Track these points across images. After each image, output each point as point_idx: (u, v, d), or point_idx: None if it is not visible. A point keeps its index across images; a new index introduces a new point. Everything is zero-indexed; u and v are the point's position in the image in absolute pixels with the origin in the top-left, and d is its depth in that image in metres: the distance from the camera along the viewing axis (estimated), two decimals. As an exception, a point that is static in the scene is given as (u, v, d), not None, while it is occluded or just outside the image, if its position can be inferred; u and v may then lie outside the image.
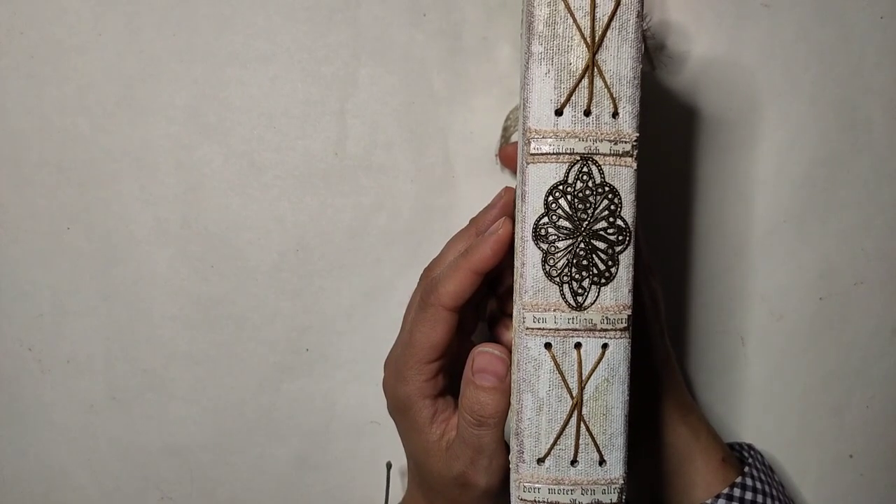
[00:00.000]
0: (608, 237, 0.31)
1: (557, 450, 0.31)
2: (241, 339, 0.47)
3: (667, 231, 0.47)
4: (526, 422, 0.31)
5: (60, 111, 0.45)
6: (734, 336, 0.49)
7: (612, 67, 0.30)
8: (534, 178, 0.30)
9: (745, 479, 0.41)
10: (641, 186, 0.31)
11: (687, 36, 0.46)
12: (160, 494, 0.49)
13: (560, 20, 0.30)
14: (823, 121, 0.47)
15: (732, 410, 0.50)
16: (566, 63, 0.30)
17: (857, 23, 0.46)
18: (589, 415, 0.31)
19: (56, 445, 0.48)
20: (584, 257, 0.31)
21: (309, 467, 0.48)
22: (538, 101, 0.30)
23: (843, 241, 0.48)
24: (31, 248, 0.46)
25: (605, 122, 0.30)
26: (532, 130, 0.30)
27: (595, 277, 0.31)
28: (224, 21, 0.44)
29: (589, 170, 0.30)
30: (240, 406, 0.48)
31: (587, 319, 0.31)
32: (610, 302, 0.31)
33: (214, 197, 0.46)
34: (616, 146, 0.30)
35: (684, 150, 0.47)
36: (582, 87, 0.30)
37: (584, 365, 0.31)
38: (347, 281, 0.46)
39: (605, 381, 0.31)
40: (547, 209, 0.30)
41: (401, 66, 0.45)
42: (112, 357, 0.47)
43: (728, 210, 0.48)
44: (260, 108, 0.45)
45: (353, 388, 0.48)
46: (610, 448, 0.31)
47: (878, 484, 0.51)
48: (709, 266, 0.48)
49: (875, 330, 0.50)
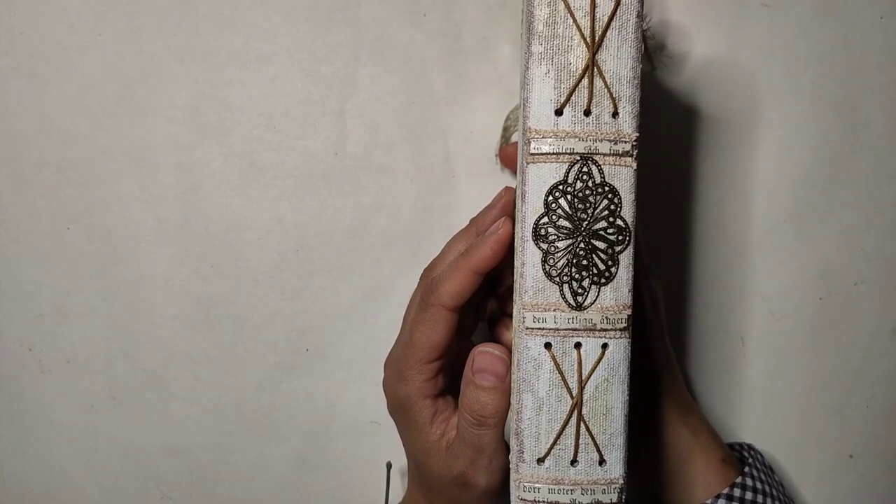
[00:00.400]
0: (608, 237, 0.31)
1: (557, 450, 0.31)
2: (241, 339, 0.47)
3: (667, 231, 0.47)
4: (526, 421, 0.31)
5: (60, 111, 0.45)
6: (734, 336, 0.49)
7: (611, 67, 0.30)
8: (534, 177, 0.30)
9: (745, 479, 0.41)
10: (641, 186, 0.31)
11: (687, 36, 0.46)
12: (160, 494, 0.49)
13: (560, 20, 0.30)
14: (823, 121, 0.47)
15: (732, 410, 0.50)
16: (566, 63, 0.30)
17: (857, 23, 0.46)
18: (589, 415, 0.31)
19: (56, 445, 0.48)
20: (584, 257, 0.31)
21: (309, 467, 0.48)
22: (538, 100, 0.30)
23: (843, 241, 0.48)
24: (31, 248, 0.46)
25: (604, 122, 0.30)
26: (532, 130, 0.30)
27: (595, 277, 0.31)
28: (224, 21, 0.44)
29: (589, 170, 0.30)
30: (240, 406, 0.48)
31: (587, 319, 0.31)
32: (610, 302, 0.31)
33: (214, 197, 0.46)
34: (616, 146, 0.30)
35: (684, 150, 0.47)
36: (582, 87, 0.30)
37: (583, 365, 0.31)
38: (347, 281, 0.46)
39: (604, 380, 0.31)
40: (547, 209, 0.30)
41: (401, 66, 0.45)
42: (112, 357, 0.47)
43: (728, 210, 0.48)
44: (260, 108, 0.45)
45: (353, 388, 0.48)
46: (610, 448, 0.31)
47: (878, 484, 0.51)
48: (709, 266, 0.48)
49: (875, 330, 0.50)
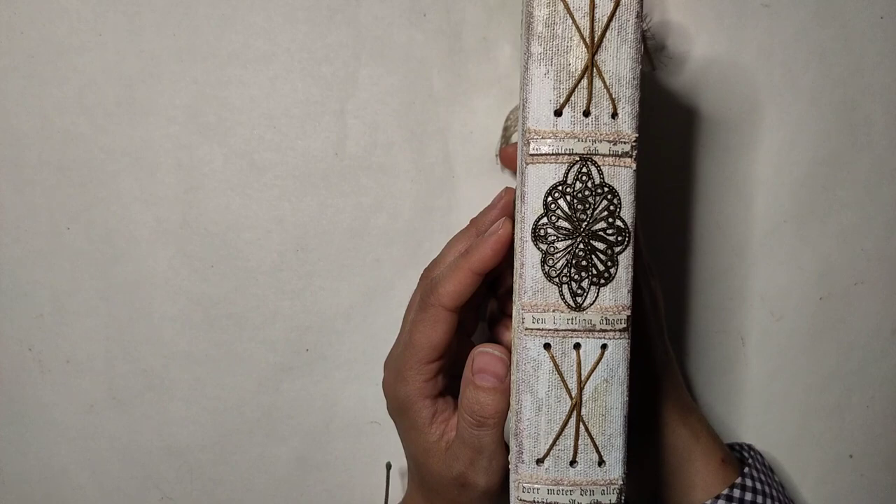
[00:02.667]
0: (607, 238, 0.31)
1: (556, 450, 0.31)
2: (241, 339, 0.47)
3: (667, 231, 0.47)
4: (525, 422, 0.31)
5: (61, 111, 0.45)
6: (734, 336, 0.49)
7: (611, 68, 0.30)
8: (533, 178, 0.30)
9: (744, 479, 0.41)
10: (641, 187, 0.31)
11: (687, 36, 0.46)
12: (160, 494, 0.49)
13: (559, 21, 0.30)
14: (823, 121, 0.47)
15: (732, 410, 0.50)
16: (565, 64, 0.30)
17: (857, 23, 0.46)
18: (588, 415, 0.31)
19: (56, 445, 0.48)
20: (584, 258, 0.31)
21: (309, 467, 0.48)
22: (537, 101, 0.30)
23: (842, 241, 0.48)
24: (31, 248, 0.46)
25: (604, 123, 0.30)
26: (531, 131, 0.30)
27: (594, 278, 0.31)
28: (224, 21, 0.44)
29: (588, 170, 0.30)
30: (240, 406, 0.48)
31: (586, 320, 0.31)
32: (609, 302, 0.31)
33: (214, 197, 0.46)
34: (615, 147, 0.30)
35: (684, 150, 0.47)
36: (581, 88, 0.30)
37: (583, 365, 0.31)
38: (347, 281, 0.46)
39: (604, 381, 0.31)
40: (546, 210, 0.30)
41: (401, 66, 0.45)
42: (112, 357, 0.47)
43: (728, 210, 0.48)
44: (260, 108, 0.45)
45: (353, 388, 0.48)
46: (609, 448, 0.31)
47: (878, 484, 0.51)
48: (709, 266, 0.48)
49: (875, 330, 0.50)
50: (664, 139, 0.47)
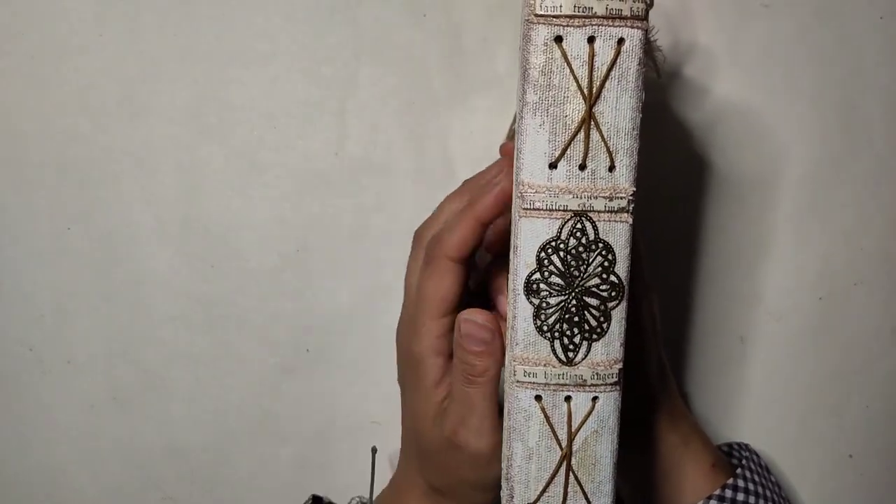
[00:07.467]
0: (601, 293, 0.30)
1: (547, 497, 0.31)
2: (242, 340, 0.47)
3: (667, 232, 0.47)
4: (516, 469, 0.31)
5: (61, 111, 0.45)
6: (734, 336, 0.49)
7: (609, 119, 0.29)
8: (526, 232, 0.30)
9: (736, 480, 0.41)
10: (642, 189, 0.31)
11: (686, 36, 0.46)
12: (161, 494, 0.49)
13: (556, 69, 0.28)
14: (823, 121, 0.47)
15: (732, 410, 0.50)
16: (562, 115, 0.28)
17: (857, 23, 0.46)
18: (578, 465, 0.31)
19: (56, 445, 0.48)
20: (576, 314, 0.30)
21: (310, 467, 0.48)
22: (532, 153, 0.29)
23: (842, 241, 0.48)
24: (31, 249, 0.46)
25: (600, 177, 0.29)
26: (525, 184, 0.29)
27: (587, 333, 0.30)
28: (224, 21, 0.44)
29: (583, 226, 0.29)
30: (240, 406, 0.48)
31: (577, 375, 0.30)
32: (601, 357, 0.30)
33: (214, 197, 0.46)
34: (611, 202, 0.29)
35: (684, 150, 0.47)
36: (577, 141, 0.29)
37: (573, 417, 0.31)
38: (348, 281, 0.47)
39: (594, 432, 0.31)
40: (539, 265, 0.30)
41: (401, 66, 0.45)
42: (113, 357, 0.47)
43: (728, 210, 0.48)
44: (260, 109, 0.45)
45: (354, 389, 0.48)
46: (598, 495, 0.31)
47: (878, 484, 0.51)
48: (708, 266, 0.48)
49: (875, 330, 0.50)
50: (664, 142, 0.47)
